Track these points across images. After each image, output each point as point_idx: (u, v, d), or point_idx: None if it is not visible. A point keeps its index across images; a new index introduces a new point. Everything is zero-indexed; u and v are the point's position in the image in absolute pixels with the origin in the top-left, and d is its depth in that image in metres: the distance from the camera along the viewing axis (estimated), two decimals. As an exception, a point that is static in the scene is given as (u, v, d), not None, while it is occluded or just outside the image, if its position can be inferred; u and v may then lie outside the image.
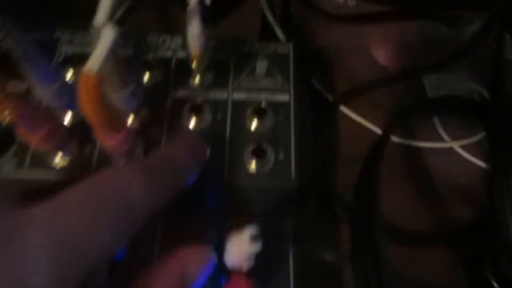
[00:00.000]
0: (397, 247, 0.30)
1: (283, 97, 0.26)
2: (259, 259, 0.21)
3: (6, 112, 0.18)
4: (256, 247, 0.17)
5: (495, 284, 0.28)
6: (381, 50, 0.35)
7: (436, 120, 0.32)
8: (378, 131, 0.32)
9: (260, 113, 0.25)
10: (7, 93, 0.18)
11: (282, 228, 0.25)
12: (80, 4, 0.27)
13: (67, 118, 0.25)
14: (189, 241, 0.20)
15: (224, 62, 0.27)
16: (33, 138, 0.21)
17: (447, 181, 0.31)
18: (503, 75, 0.29)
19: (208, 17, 0.35)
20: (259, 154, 0.24)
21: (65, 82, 0.24)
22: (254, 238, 0.17)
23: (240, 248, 0.17)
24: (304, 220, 0.26)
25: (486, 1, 0.33)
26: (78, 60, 0.26)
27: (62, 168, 0.23)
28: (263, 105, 0.25)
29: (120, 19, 0.16)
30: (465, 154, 0.31)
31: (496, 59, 0.29)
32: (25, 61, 0.20)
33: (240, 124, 0.25)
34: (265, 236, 0.21)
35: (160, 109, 0.25)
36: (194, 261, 0.16)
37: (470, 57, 0.33)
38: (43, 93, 0.22)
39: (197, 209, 0.24)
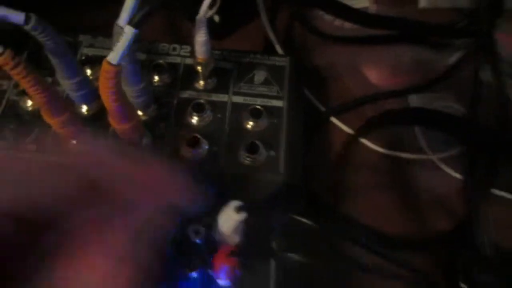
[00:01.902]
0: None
1: (277, 103, 0.29)
2: (245, 251, 0.24)
3: (37, 95, 0.21)
4: (240, 216, 0.20)
5: (466, 289, 0.30)
6: (373, 70, 0.38)
7: (419, 133, 0.35)
8: (368, 144, 0.35)
9: (255, 114, 0.28)
10: (40, 79, 0.22)
11: (270, 220, 0.27)
12: (100, 15, 0.31)
13: (83, 110, 0.28)
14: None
15: (227, 69, 0.30)
16: (55, 121, 0.24)
17: (427, 191, 0.34)
18: (479, 96, 0.32)
19: (217, 33, 0.39)
20: (252, 149, 0.27)
21: (85, 79, 0.27)
22: (238, 209, 0.20)
23: (227, 218, 0.20)
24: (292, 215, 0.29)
25: (471, 30, 0.36)
26: (96, 61, 0.30)
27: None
28: (258, 108, 0.28)
29: (137, 22, 0.19)
30: (443, 166, 0.34)
31: (475, 81, 0.32)
32: (54, 56, 0.24)
33: (237, 124, 0.28)
34: (254, 230, 0.24)
35: (167, 107, 0.29)
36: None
37: (454, 80, 0.36)
38: (66, 85, 0.26)
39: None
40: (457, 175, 0.33)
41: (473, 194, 0.32)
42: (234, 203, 0.20)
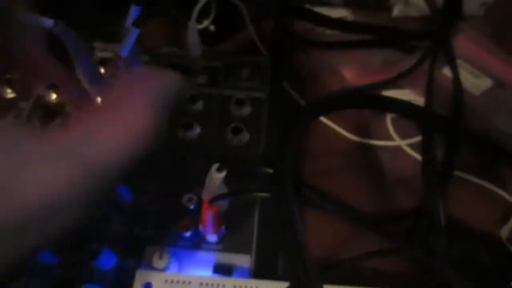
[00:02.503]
0: (353, 225, 0.37)
1: (259, 94, 0.35)
2: (233, 208, 0.29)
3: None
4: (221, 174, 0.25)
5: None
6: (348, 70, 0.44)
7: (388, 122, 0.40)
8: (342, 132, 0.40)
9: (240, 103, 0.33)
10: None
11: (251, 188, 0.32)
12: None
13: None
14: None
15: (218, 68, 0.36)
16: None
17: (395, 174, 0.38)
18: (432, 88, 0.37)
19: (213, 40, 0.45)
20: (237, 131, 0.32)
21: (99, 75, 0.33)
22: (219, 169, 0.25)
23: (211, 178, 0.25)
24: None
25: (431, 33, 0.42)
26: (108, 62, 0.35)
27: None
28: (243, 97, 0.33)
29: (136, 22, 0.25)
30: (410, 151, 0.39)
31: (430, 76, 0.37)
32: (75, 55, 0.30)
33: (226, 111, 0.34)
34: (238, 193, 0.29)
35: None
36: (168, 79, 0.22)
37: (418, 76, 0.41)
38: (84, 79, 0.32)
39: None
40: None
41: (430, 175, 0.36)
42: (215, 165, 0.25)
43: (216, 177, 0.25)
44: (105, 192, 0.19)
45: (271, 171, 0.24)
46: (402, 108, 0.32)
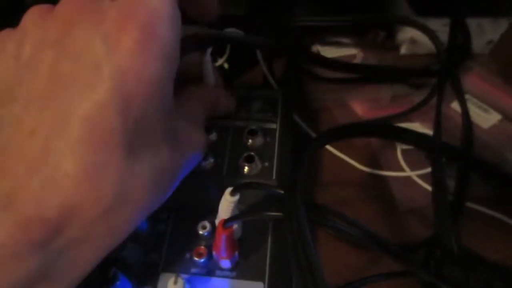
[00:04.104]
0: (363, 252, 0.37)
1: (271, 126, 0.36)
2: (245, 235, 0.30)
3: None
4: (234, 198, 0.25)
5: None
6: (358, 104, 0.45)
7: (398, 153, 0.40)
8: (353, 163, 0.41)
9: (253, 133, 0.34)
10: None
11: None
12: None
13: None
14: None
15: (231, 100, 0.37)
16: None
17: (407, 204, 0.39)
18: (440, 121, 0.38)
19: (226, 77, 0.47)
20: (249, 160, 0.33)
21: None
22: (232, 192, 0.25)
23: (225, 202, 0.26)
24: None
25: (438, 70, 0.43)
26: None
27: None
28: (255, 128, 0.35)
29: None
30: (420, 182, 0.39)
31: (437, 111, 0.38)
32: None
33: (239, 142, 0.35)
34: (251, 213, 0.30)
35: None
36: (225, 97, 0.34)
37: (427, 111, 0.42)
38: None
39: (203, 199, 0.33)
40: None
41: (441, 205, 0.37)
42: (229, 189, 0.26)
43: (230, 200, 0.26)
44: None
45: (282, 192, 0.25)
46: (412, 138, 0.33)
